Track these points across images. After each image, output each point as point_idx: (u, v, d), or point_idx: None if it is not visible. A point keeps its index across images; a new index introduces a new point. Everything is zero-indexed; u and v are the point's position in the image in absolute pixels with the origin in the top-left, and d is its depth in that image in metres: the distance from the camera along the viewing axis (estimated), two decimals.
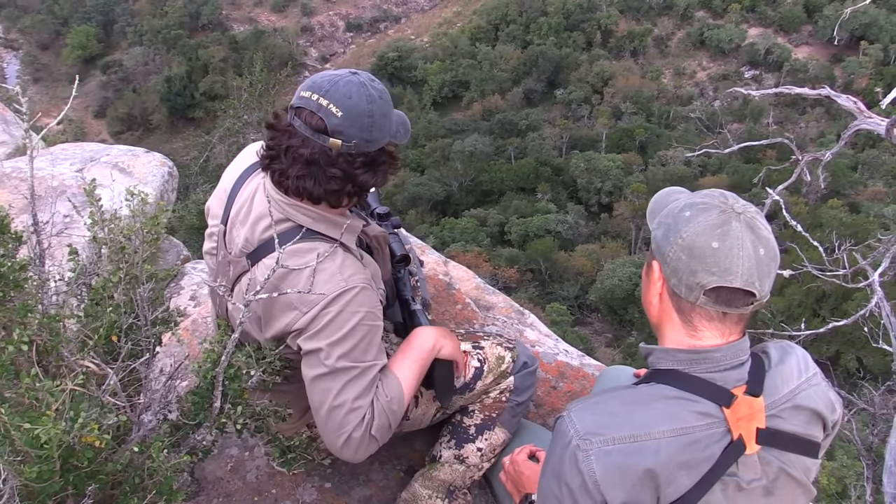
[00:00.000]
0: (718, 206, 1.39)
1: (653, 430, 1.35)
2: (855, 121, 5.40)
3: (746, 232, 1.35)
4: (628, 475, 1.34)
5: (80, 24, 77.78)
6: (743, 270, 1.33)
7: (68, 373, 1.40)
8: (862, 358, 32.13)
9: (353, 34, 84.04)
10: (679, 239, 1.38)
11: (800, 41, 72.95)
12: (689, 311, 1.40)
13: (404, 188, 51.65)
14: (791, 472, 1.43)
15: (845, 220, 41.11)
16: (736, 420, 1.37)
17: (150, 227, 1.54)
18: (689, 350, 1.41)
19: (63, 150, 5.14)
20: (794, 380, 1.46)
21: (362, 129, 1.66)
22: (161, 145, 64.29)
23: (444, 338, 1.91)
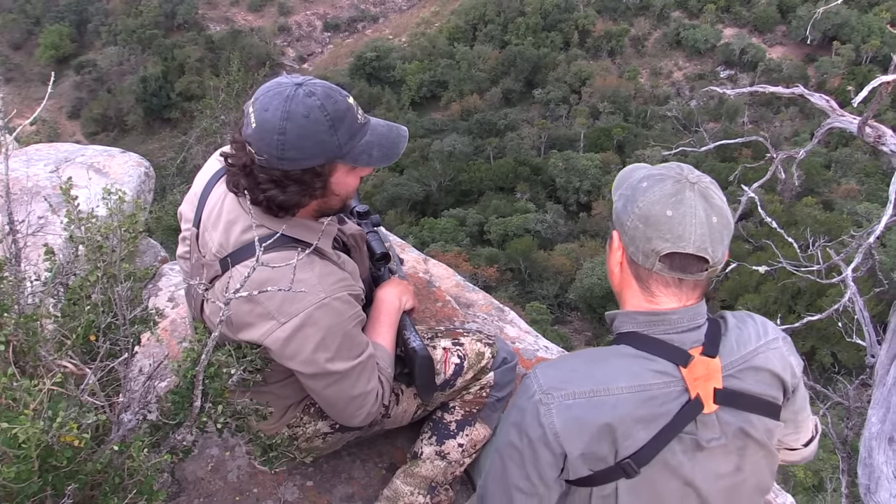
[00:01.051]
0: (674, 176, 1.45)
1: (611, 385, 1.40)
2: (828, 119, 5.48)
3: (700, 200, 1.42)
4: (587, 428, 1.39)
5: (52, 23, 76.79)
6: (695, 237, 1.39)
7: (46, 373, 1.38)
8: (837, 353, 32.62)
9: (330, 34, 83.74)
10: (636, 208, 1.44)
11: (774, 41, 73.88)
12: (647, 277, 1.46)
13: (384, 188, 51.58)
14: (751, 433, 1.47)
15: (819, 217, 41.72)
16: (693, 380, 1.42)
17: (127, 225, 1.53)
18: (648, 312, 1.47)
19: (37, 151, 5.07)
20: (752, 343, 1.51)
21: (271, 145, 1.55)
22: (137, 146, 63.60)
23: (404, 293, 2.03)
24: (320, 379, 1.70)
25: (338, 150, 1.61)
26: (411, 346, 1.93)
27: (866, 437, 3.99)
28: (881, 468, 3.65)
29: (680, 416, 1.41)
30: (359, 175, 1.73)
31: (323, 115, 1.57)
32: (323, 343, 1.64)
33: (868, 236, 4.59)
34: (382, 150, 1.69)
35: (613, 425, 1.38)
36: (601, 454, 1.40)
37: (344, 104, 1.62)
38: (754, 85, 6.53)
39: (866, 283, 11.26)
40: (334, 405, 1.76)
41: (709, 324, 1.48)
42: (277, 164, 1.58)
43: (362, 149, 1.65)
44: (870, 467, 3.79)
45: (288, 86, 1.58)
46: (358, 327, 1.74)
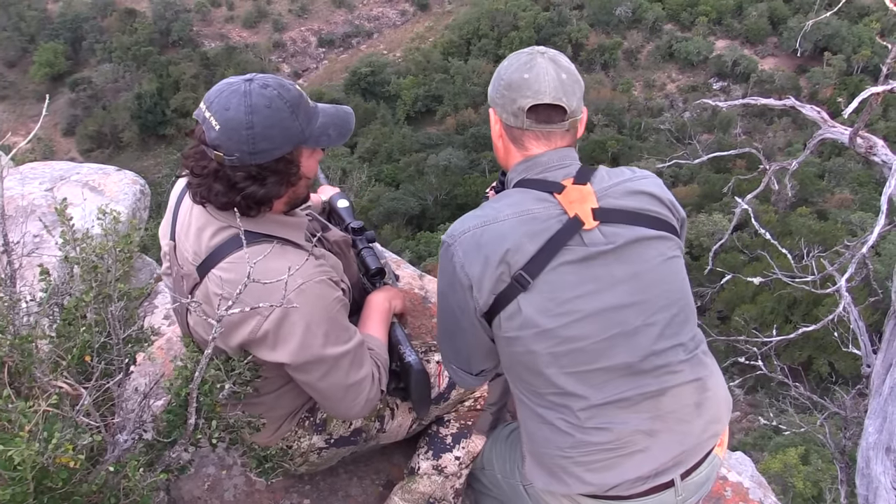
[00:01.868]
0: (527, 51, 1.75)
1: (499, 214, 1.64)
2: (819, 130, 5.52)
3: (550, 64, 1.70)
4: (482, 248, 1.61)
5: (47, 41, 76.78)
6: (550, 89, 1.66)
7: (41, 394, 1.39)
8: (833, 363, 32.57)
9: (325, 49, 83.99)
10: (500, 81, 1.73)
11: (766, 53, 74.34)
12: (521, 136, 1.73)
13: (379, 203, 51.54)
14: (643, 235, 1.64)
15: (814, 227, 41.76)
16: (569, 203, 1.63)
17: (122, 245, 1.53)
18: (523, 160, 1.73)
19: (32, 170, 5.07)
20: (626, 174, 1.75)
21: (241, 141, 1.57)
22: (132, 163, 63.58)
23: (394, 298, 2.09)
24: (313, 368, 1.67)
25: (301, 135, 1.65)
26: (406, 360, 1.93)
27: (864, 448, 3.99)
28: (879, 478, 3.65)
29: (562, 231, 1.60)
30: (317, 158, 1.77)
31: (283, 103, 1.61)
32: (309, 330, 1.63)
33: (861, 246, 4.62)
34: (338, 130, 1.75)
35: (503, 240, 1.59)
36: (498, 271, 1.59)
37: (296, 90, 1.67)
38: (746, 97, 6.58)
39: (861, 293, 11.30)
40: (331, 397, 1.74)
41: (581, 165, 1.72)
42: (251, 160, 1.59)
43: (321, 130, 1.70)
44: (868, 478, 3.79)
45: (239, 83, 1.61)
46: (343, 313, 1.73)
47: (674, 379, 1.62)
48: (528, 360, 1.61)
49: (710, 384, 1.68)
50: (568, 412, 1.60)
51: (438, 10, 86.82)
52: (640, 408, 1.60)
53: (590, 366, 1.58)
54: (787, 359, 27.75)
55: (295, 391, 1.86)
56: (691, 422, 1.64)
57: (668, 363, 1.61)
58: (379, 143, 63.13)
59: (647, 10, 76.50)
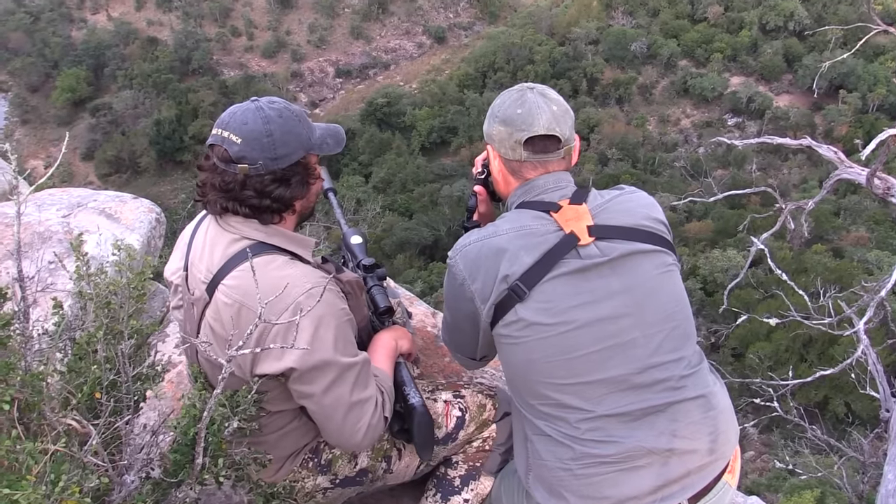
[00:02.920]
0: (517, 88, 1.86)
1: (498, 230, 1.74)
2: (836, 170, 5.49)
3: (539, 98, 1.80)
4: (482, 259, 1.70)
5: (70, 67, 78.23)
6: (543, 121, 1.77)
7: (50, 431, 1.37)
8: (850, 403, 32.05)
9: (342, 80, 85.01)
10: (495, 118, 1.84)
11: (780, 90, 74.46)
12: (519, 167, 1.83)
13: (392, 233, 51.68)
14: (638, 249, 1.68)
15: (829, 265, 41.41)
16: (565, 220, 1.70)
17: (136, 283, 1.53)
18: (522, 184, 1.82)
19: (50, 196, 5.11)
20: (615, 192, 1.82)
21: (263, 148, 1.73)
22: (149, 188, 64.31)
23: (401, 338, 2.09)
24: (319, 376, 1.68)
25: (308, 142, 1.82)
26: (410, 402, 1.90)
27: (883, 494, 3.91)
28: None
29: (559, 246, 1.66)
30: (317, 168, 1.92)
31: (291, 114, 1.81)
32: (317, 333, 1.66)
33: (880, 289, 4.56)
34: (334, 139, 1.91)
35: (501, 252, 1.67)
36: (496, 282, 1.66)
37: (296, 105, 1.86)
38: (761, 133, 6.59)
39: (878, 333, 11.14)
40: (333, 416, 1.73)
41: (576, 187, 1.80)
42: (274, 165, 1.75)
43: (321, 139, 1.87)
44: None
45: (248, 104, 1.81)
46: (349, 328, 1.77)
47: (677, 395, 1.61)
48: (526, 370, 1.65)
49: (715, 402, 1.67)
50: (566, 424, 1.61)
51: (455, 43, 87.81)
52: (641, 423, 1.59)
53: (587, 377, 1.60)
54: (803, 398, 27.35)
55: (298, 431, 1.85)
56: (696, 440, 1.61)
57: (669, 377, 1.61)
58: (393, 173, 63.48)
59: (663, 46, 76.99)
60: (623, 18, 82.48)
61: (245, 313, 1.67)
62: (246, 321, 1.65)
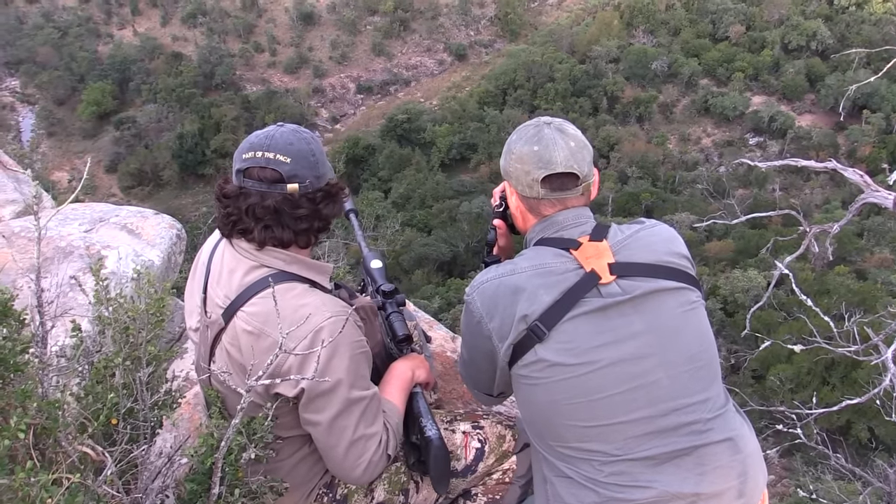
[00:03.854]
0: (533, 123, 1.81)
1: (516, 268, 1.70)
2: (862, 194, 5.41)
3: (557, 134, 1.75)
4: (500, 298, 1.66)
5: (96, 81, 79.50)
6: (561, 159, 1.72)
7: (65, 459, 1.36)
8: (874, 428, 31.48)
9: (363, 96, 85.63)
10: (511, 155, 1.80)
11: (803, 109, 73.93)
12: (537, 205, 1.78)
13: (411, 248, 51.75)
14: (661, 287, 1.63)
15: (852, 286, 40.86)
16: (585, 258, 1.65)
17: (154, 309, 1.52)
18: (541, 220, 1.78)
19: (73, 210, 5.14)
20: (636, 227, 1.76)
21: (310, 167, 1.77)
22: (171, 200, 64.98)
23: (417, 367, 2.05)
24: (327, 404, 1.66)
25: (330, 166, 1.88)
26: (427, 434, 1.87)
27: None
28: None
29: (579, 284, 1.61)
30: None
31: (314, 137, 1.85)
32: (332, 359, 1.64)
33: None
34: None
35: (519, 291, 1.63)
36: (514, 322, 1.61)
37: None
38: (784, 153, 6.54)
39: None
40: (336, 447, 1.71)
41: (596, 223, 1.75)
42: (318, 184, 1.79)
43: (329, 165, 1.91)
44: None
45: (279, 127, 1.83)
46: (363, 360, 1.75)
47: (703, 438, 1.56)
48: (547, 412, 1.60)
49: (743, 445, 1.62)
50: (588, 467, 1.57)
51: (475, 60, 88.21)
52: (667, 467, 1.53)
53: (610, 420, 1.55)
54: (825, 422, 26.91)
55: (311, 458, 1.83)
56: (724, 484, 1.56)
57: (695, 420, 1.56)
58: (413, 189, 63.68)
59: (683, 65, 76.85)
60: (644, 37, 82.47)
61: (265, 341, 1.66)
62: (266, 349, 1.64)
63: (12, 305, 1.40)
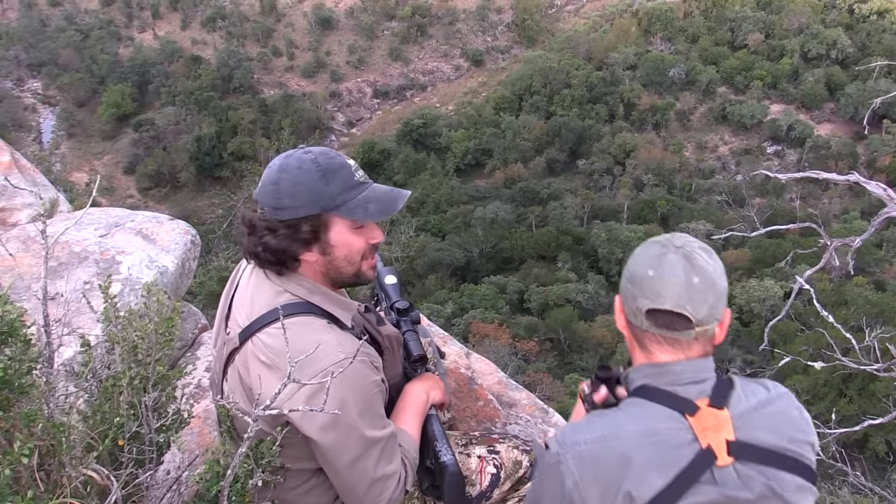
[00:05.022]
0: (661, 241, 1.55)
1: (621, 430, 1.44)
2: (885, 208, 5.31)
3: (681, 261, 1.47)
4: (601, 471, 1.41)
5: (116, 83, 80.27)
6: (672, 295, 1.44)
7: (69, 483, 1.32)
8: (892, 442, 31.11)
9: (379, 101, 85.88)
10: (627, 271, 1.57)
11: (822, 118, 73.31)
12: (642, 336, 1.53)
13: (425, 253, 51.76)
14: (780, 492, 1.40)
15: (871, 297, 40.41)
16: (702, 429, 1.40)
17: (163, 328, 1.49)
18: (653, 364, 1.52)
19: (89, 215, 5.16)
20: (762, 394, 1.50)
21: (268, 195, 1.69)
22: (187, 202, 65.41)
23: (432, 389, 1.99)
24: (343, 451, 1.61)
25: (331, 201, 1.68)
26: (441, 459, 1.82)
27: None
28: None
29: (694, 465, 1.39)
30: (366, 238, 1.75)
31: (315, 166, 1.68)
32: (345, 405, 1.59)
33: None
34: (380, 206, 1.73)
35: (626, 466, 1.39)
36: (621, 499, 1.39)
37: (339, 161, 1.71)
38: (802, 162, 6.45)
39: None
40: (354, 489, 1.66)
41: (716, 380, 1.49)
42: (275, 215, 1.68)
43: (358, 203, 1.70)
44: None
45: (294, 150, 1.74)
46: (379, 399, 1.70)
47: None
48: None
49: None
50: None
51: (492, 66, 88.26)
52: None
53: None
54: (842, 436, 26.53)
55: (321, 487, 1.80)
56: None
57: None
58: (427, 194, 63.74)
59: (701, 72, 76.48)
60: (661, 44, 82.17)
61: (276, 374, 1.61)
62: (275, 378, 1.59)
63: (22, 324, 1.37)
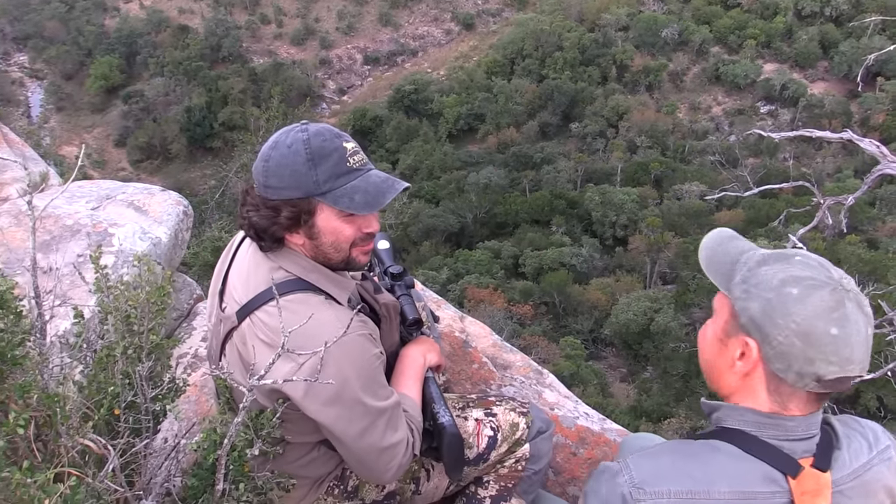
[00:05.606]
0: (827, 282, 1.25)
1: (712, 487, 1.26)
2: (878, 165, 5.31)
3: (859, 314, 1.24)
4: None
5: (103, 55, 79.21)
6: (861, 357, 1.23)
7: (66, 452, 1.33)
8: (883, 398, 31.54)
9: (370, 67, 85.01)
10: (792, 323, 1.24)
11: (815, 77, 72.91)
12: (789, 393, 1.29)
13: (419, 220, 51.72)
14: None
15: (864, 256, 40.62)
16: (801, 493, 1.26)
17: (156, 297, 1.48)
18: (762, 413, 1.31)
19: (80, 188, 5.12)
20: (864, 455, 1.35)
21: (259, 172, 1.67)
22: (179, 174, 64.99)
23: (428, 352, 1.99)
24: (349, 426, 1.61)
25: (315, 187, 1.62)
26: (440, 421, 1.84)
27: None
28: None
29: None
30: (357, 226, 1.70)
31: (304, 148, 1.62)
32: (347, 382, 1.59)
33: None
34: (366, 198, 1.65)
35: None
36: None
37: (333, 145, 1.63)
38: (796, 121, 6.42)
39: None
40: (365, 460, 1.67)
41: (822, 433, 1.33)
42: (263, 192, 1.66)
43: (345, 192, 1.64)
44: None
45: (296, 125, 1.69)
46: (381, 370, 1.70)
47: None
48: None
49: None
50: None
51: (483, 29, 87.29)
52: None
53: None
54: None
55: (323, 458, 1.81)
56: None
57: None
58: (420, 160, 63.49)
59: (694, 32, 75.78)
60: (654, 4, 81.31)
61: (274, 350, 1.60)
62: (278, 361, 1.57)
63: (13, 296, 1.37)
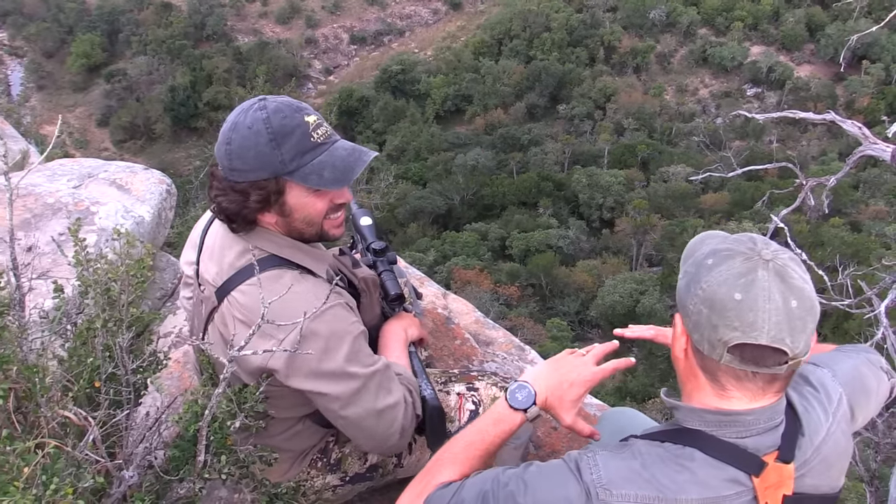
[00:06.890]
0: (744, 252, 1.24)
1: (680, 496, 1.24)
2: (860, 147, 5.35)
3: (775, 281, 1.20)
4: None
5: (84, 32, 78.00)
6: (770, 325, 1.19)
7: (46, 424, 1.33)
8: None
9: (356, 47, 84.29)
10: (699, 290, 1.24)
11: (802, 59, 73.14)
12: (715, 369, 1.27)
13: (406, 201, 51.61)
14: None
15: (847, 238, 41.03)
16: (764, 489, 1.26)
17: (135, 270, 1.48)
18: (717, 412, 1.29)
19: (61, 166, 5.07)
20: (823, 427, 1.35)
21: (222, 156, 1.62)
22: (164, 154, 64.44)
23: (409, 326, 2.01)
24: (337, 395, 1.61)
25: (281, 167, 1.59)
26: (422, 394, 1.86)
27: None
28: None
29: None
30: (329, 199, 1.67)
31: (265, 128, 1.57)
32: (328, 350, 1.58)
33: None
34: (335, 173, 1.61)
35: None
36: None
37: (294, 121, 1.59)
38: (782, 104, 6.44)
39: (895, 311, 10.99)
40: (364, 427, 1.67)
41: (786, 420, 1.31)
42: (230, 175, 1.62)
43: (312, 168, 1.60)
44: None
45: (253, 101, 1.63)
46: (363, 338, 1.69)
47: None
48: None
49: None
50: None
51: (471, 9, 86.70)
52: None
53: None
54: None
55: (307, 431, 1.82)
56: None
57: None
58: (407, 142, 63.26)
59: (682, 13, 75.68)
60: None
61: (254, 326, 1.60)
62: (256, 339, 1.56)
63: None
